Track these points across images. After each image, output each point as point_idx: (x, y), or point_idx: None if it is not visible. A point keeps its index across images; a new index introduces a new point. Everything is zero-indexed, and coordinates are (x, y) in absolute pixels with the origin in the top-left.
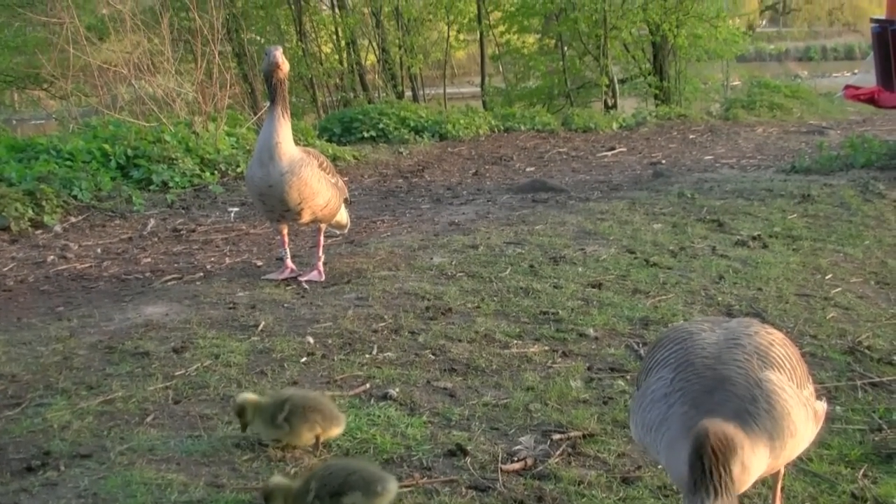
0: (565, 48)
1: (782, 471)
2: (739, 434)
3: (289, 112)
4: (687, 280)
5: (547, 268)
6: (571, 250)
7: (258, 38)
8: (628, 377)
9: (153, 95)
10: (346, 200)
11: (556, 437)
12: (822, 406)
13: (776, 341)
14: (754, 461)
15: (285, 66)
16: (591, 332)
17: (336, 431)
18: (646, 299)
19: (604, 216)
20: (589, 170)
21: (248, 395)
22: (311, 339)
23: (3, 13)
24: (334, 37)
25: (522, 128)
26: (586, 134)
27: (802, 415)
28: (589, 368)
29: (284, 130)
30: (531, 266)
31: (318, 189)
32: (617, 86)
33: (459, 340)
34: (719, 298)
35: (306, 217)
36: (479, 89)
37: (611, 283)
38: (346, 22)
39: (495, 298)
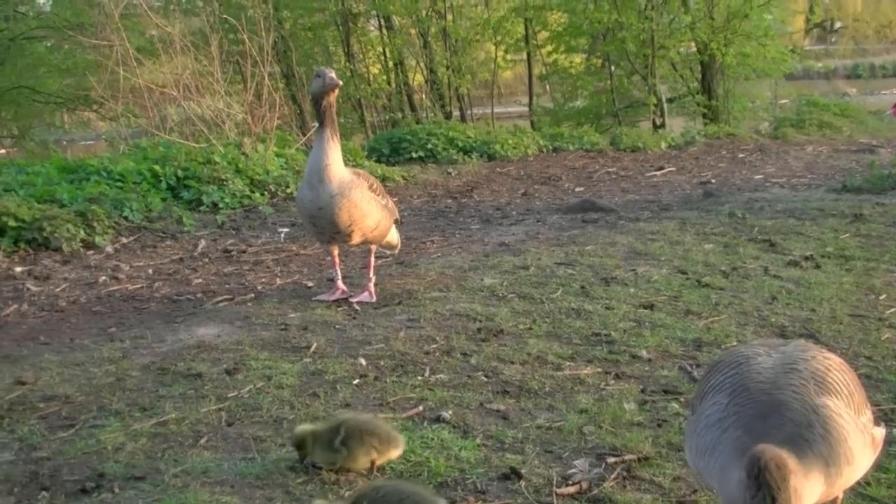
0: (613, 67)
1: (840, 496)
2: (793, 460)
3: (338, 134)
4: (739, 301)
5: (598, 289)
6: (622, 271)
7: (307, 60)
8: (682, 399)
9: (202, 116)
10: (396, 221)
11: (611, 460)
12: (880, 432)
13: (833, 366)
14: (807, 488)
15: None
16: (643, 353)
17: (395, 453)
18: (698, 320)
19: (654, 236)
20: (638, 189)
21: (305, 426)
22: (363, 361)
23: (53, 36)
24: (382, 57)
25: (571, 147)
26: (635, 153)
27: (860, 442)
28: (642, 391)
29: (334, 152)
30: (582, 287)
31: (368, 211)
32: (665, 105)
33: (512, 362)
34: (772, 319)
35: (357, 238)
36: (526, 109)
37: (663, 304)
38: (393, 43)
39: (547, 320)
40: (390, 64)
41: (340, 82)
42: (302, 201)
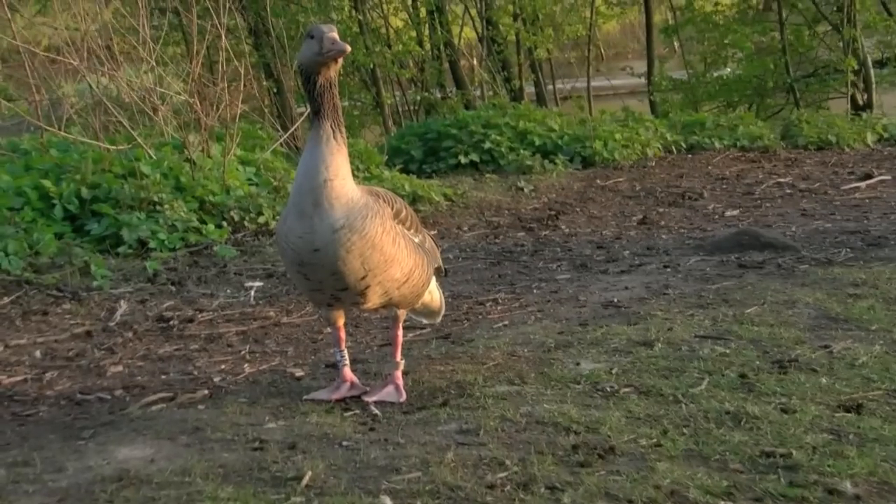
0: (785, 12)
1: None
2: None
3: (344, 130)
4: None
5: (769, 378)
6: (808, 349)
7: (288, 6)
8: None
9: (120, 100)
10: (437, 270)
11: None
12: None
13: None
14: None
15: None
16: (847, 486)
17: None
18: None
19: (860, 290)
20: (830, 213)
21: None
22: (388, 501)
23: None
24: (410, 2)
25: (717, 145)
26: (822, 153)
27: None
28: None
29: (338, 160)
30: (742, 376)
31: (394, 254)
32: (872, 72)
33: (630, 501)
34: None
35: (375, 299)
36: (643, 82)
37: (877, 403)
38: None
39: (685, 430)
40: (423, 13)
41: (347, 47)
42: (286, 238)
